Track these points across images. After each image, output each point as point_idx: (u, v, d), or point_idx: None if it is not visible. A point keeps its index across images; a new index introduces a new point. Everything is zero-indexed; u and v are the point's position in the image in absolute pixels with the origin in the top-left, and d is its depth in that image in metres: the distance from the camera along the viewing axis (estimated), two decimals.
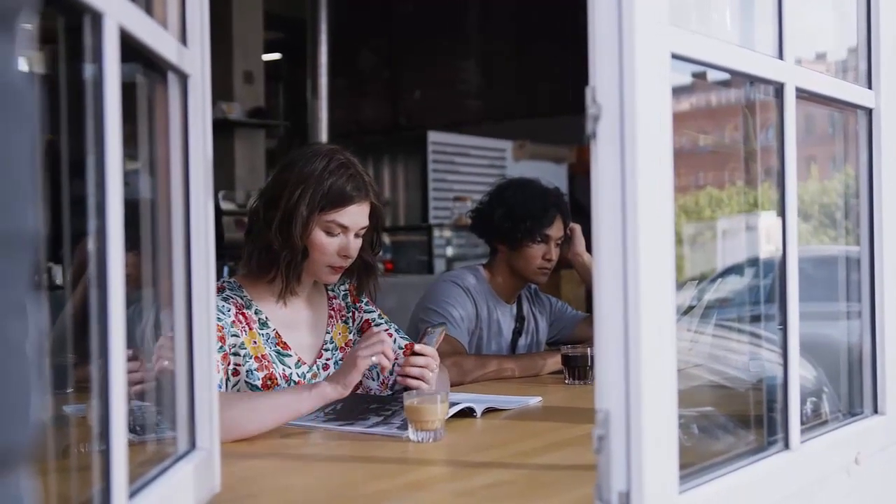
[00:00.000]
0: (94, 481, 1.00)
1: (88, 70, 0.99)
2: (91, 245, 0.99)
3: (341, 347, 2.36)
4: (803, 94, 1.55)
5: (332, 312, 2.39)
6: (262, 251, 2.22)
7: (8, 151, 0.54)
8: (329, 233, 2.21)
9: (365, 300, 2.45)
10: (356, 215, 2.22)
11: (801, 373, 1.55)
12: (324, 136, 8.81)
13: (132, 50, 1.09)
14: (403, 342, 2.39)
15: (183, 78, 1.33)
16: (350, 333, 2.40)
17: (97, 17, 0.97)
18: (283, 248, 2.18)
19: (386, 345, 2.02)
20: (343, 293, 2.43)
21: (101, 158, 0.98)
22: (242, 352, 2.16)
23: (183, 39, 1.33)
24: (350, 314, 2.42)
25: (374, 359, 2.00)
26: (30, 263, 0.57)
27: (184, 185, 1.34)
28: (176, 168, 1.34)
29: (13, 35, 0.57)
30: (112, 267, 0.99)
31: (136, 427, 1.33)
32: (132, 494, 1.07)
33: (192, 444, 1.36)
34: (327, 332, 2.36)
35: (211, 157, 1.39)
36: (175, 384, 1.35)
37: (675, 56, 1.24)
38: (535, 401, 2.36)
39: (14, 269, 0.55)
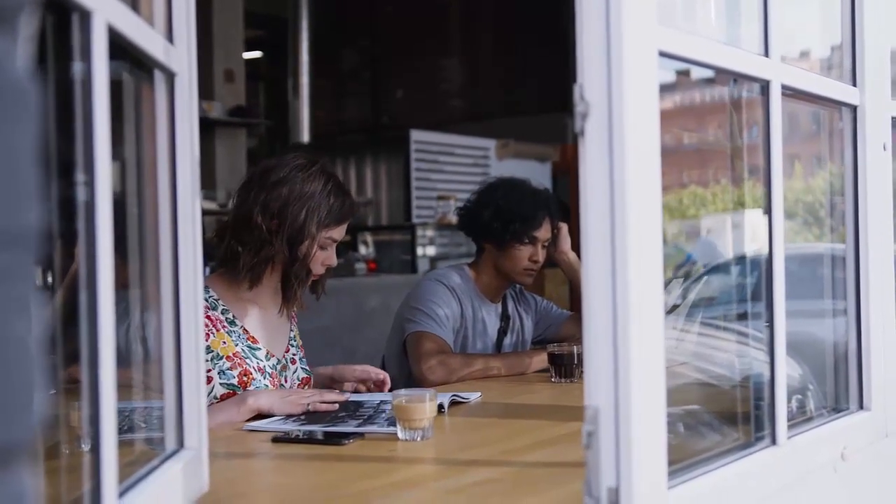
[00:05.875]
0: (83, 481, 1.00)
1: (76, 68, 0.98)
2: (80, 246, 0.98)
3: (301, 346, 2.46)
4: (789, 92, 1.56)
5: (293, 313, 2.46)
6: (265, 263, 2.24)
7: (13, 149, 0.54)
8: (323, 248, 2.28)
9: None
10: (345, 228, 2.34)
11: (786, 370, 1.55)
12: (305, 136, 8.79)
13: (118, 48, 1.09)
14: (303, 374, 2.43)
15: (170, 76, 1.32)
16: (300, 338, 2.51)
17: (86, 15, 0.96)
18: (291, 264, 2.25)
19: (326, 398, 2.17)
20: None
21: (89, 157, 0.97)
22: (210, 355, 2.17)
23: (169, 37, 1.33)
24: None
25: (310, 407, 2.13)
26: (32, 261, 0.57)
27: (171, 184, 1.34)
28: (163, 167, 1.33)
29: (15, 33, 0.57)
30: (101, 267, 0.98)
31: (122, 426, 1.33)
32: (121, 494, 1.06)
33: (181, 444, 1.35)
34: (291, 330, 2.44)
35: (198, 156, 1.38)
36: (164, 384, 1.34)
37: (662, 54, 1.24)
38: (475, 396, 2.36)
39: (18, 266, 0.55)
